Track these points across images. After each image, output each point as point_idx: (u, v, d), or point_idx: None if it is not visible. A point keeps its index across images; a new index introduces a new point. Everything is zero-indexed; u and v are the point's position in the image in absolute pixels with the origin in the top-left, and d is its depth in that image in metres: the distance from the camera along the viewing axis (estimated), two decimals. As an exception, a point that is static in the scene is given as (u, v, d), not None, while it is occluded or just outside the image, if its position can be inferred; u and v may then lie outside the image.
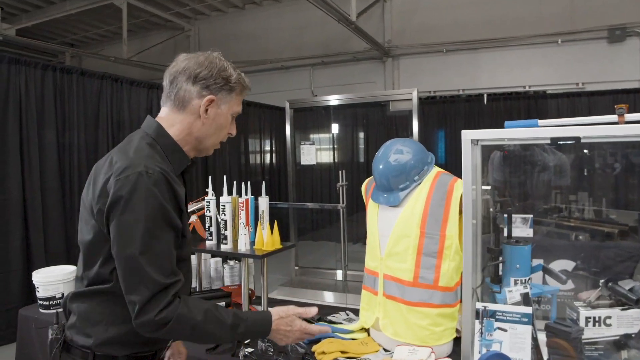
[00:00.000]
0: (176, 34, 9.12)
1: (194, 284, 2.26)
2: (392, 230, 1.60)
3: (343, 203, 4.11)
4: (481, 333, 1.51)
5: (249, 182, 2.02)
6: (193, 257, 2.25)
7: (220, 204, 1.95)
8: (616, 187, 1.88)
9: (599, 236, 2.24)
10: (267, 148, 7.13)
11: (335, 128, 6.81)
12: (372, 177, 1.83)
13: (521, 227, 1.69)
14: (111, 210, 1.07)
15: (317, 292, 4.09)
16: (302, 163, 4.41)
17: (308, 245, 6.48)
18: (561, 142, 1.41)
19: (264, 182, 2.06)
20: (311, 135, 6.61)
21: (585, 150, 1.83)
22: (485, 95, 6.38)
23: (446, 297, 1.57)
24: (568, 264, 1.80)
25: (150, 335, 1.09)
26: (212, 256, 2.32)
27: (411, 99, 4.10)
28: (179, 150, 1.22)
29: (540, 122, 1.46)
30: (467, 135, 1.35)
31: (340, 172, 4.14)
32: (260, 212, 2.00)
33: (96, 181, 1.14)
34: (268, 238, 1.89)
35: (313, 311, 1.31)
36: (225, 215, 1.93)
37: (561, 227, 2.26)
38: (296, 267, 4.64)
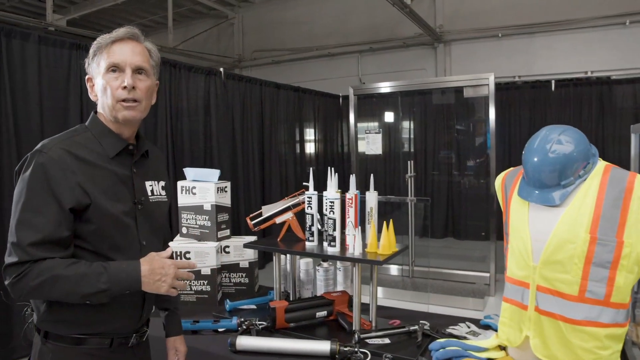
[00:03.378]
0: (220, 22, 8.96)
1: (277, 285, 2.05)
2: (552, 234, 1.34)
3: (412, 195, 3.86)
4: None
5: (353, 175, 1.79)
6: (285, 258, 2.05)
7: (328, 200, 1.72)
8: None
9: None
10: (319, 137, 6.88)
11: (389, 116, 6.50)
12: (509, 170, 1.58)
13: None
14: None
15: (389, 289, 3.86)
16: (367, 153, 4.15)
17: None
18: None
19: (372, 175, 1.82)
20: (364, 124, 6.32)
21: None
22: (553, 82, 5.95)
23: (618, 315, 1.30)
24: None
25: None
26: (300, 257, 2.11)
27: (487, 85, 3.80)
28: (111, 134, 1.26)
29: None
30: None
31: (408, 162, 3.88)
32: (368, 210, 1.77)
33: None
34: (384, 239, 1.65)
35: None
36: (333, 213, 1.70)
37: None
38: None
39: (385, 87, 4.34)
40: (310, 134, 6.42)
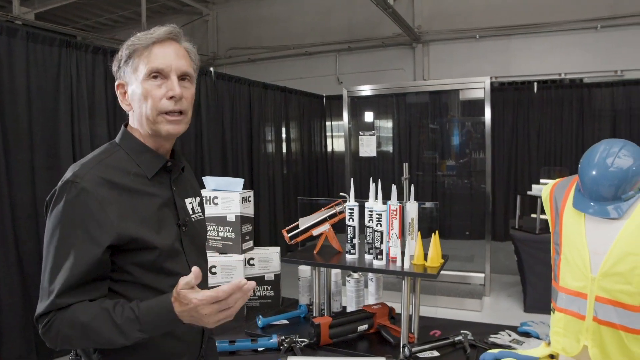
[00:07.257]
0: (194, 19, 8.72)
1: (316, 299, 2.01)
2: (612, 247, 1.35)
3: (411, 199, 3.85)
4: None
5: (393, 184, 1.76)
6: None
7: (374, 212, 1.68)
8: None
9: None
10: (304, 137, 6.81)
11: (375, 117, 6.50)
12: (558, 181, 1.58)
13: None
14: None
15: (386, 292, 3.85)
16: (360, 155, 4.13)
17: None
18: None
19: (412, 184, 1.80)
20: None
21: None
22: (535, 84, 6.12)
23: (681, 325, 1.33)
24: None
25: None
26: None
27: (483, 88, 3.86)
28: (147, 150, 1.13)
29: None
30: None
31: (404, 164, 3.87)
32: (409, 221, 1.75)
33: None
34: (433, 251, 1.64)
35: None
36: (380, 225, 1.67)
37: None
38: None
39: (379, 88, 4.34)
40: (295, 134, 6.36)
